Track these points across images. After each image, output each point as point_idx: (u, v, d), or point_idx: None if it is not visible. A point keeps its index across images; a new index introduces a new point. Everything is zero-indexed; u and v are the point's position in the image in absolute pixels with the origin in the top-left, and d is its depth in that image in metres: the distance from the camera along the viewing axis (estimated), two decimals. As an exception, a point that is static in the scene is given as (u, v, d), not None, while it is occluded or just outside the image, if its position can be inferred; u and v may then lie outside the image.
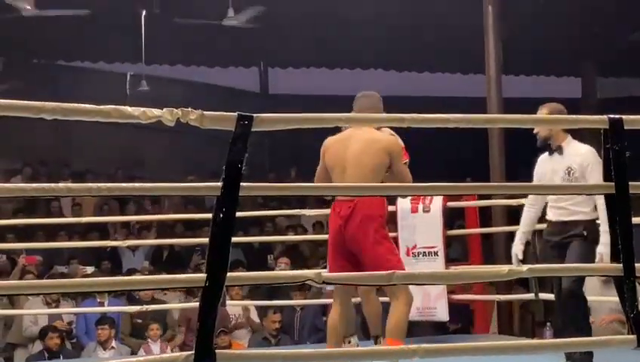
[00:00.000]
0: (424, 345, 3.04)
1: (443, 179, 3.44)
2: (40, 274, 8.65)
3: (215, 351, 2.83)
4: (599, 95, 14.52)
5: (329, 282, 3.35)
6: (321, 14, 11.62)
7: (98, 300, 7.92)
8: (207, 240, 2.87)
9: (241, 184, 2.89)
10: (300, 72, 15.19)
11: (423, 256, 6.67)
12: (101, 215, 10.60)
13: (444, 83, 14.97)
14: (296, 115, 3.12)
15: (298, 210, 7.81)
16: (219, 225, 2.85)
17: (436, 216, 6.71)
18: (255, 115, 2.94)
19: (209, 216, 2.89)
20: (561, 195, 4.91)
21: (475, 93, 10.64)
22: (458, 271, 5.23)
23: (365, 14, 11.48)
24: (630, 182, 3.15)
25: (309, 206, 9.06)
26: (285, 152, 14.07)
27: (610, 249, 3.22)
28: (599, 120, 3.23)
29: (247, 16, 11.08)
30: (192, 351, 2.82)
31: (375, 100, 4.77)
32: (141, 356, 7.18)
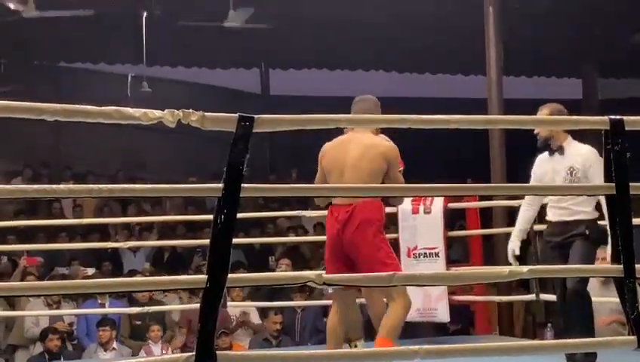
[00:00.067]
0: (425, 346, 3.05)
1: (444, 180, 3.45)
2: (41, 275, 8.64)
3: (216, 352, 2.83)
4: (600, 96, 14.50)
5: (330, 283, 3.35)
6: (322, 15, 11.61)
7: (99, 301, 7.92)
8: (208, 241, 2.88)
9: (242, 185, 2.90)
10: (301, 73, 15.16)
11: (423, 257, 6.67)
12: (102, 216, 10.59)
13: (444, 84, 14.95)
14: (297, 116, 3.12)
15: (299, 211, 7.80)
16: (220, 226, 2.86)
17: (437, 217, 6.71)
18: (256, 116, 2.94)
19: (210, 218, 2.89)
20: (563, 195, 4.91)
21: (476, 94, 10.63)
22: (459, 272, 5.24)
23: (366, 15, 11.48)
24: (631, 183, 3.16)
25: (310, 207, 9.05)
26: (286, 153, 14.06)
27: (611, 249, 3.22)
28: (600, 121, 3.23)
29: (248, 17, 11.07)
30: (193, 352, 2.83)
31: (372, 104, 4.79)
32: (142, 357, 7.21)
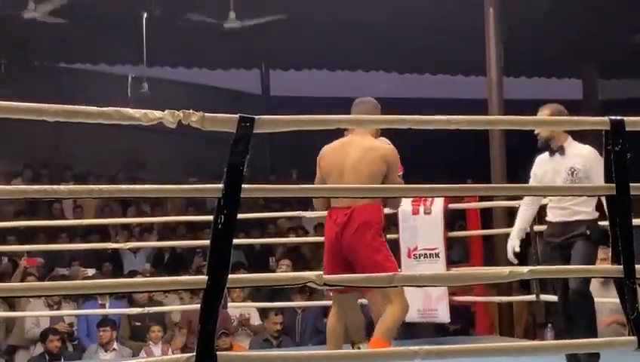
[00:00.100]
0: (425, 346, 3.05)
1: (444, 180, 3.45)
2: (41, 276, 8.64)
3: (216, 353, 2.83)
4: (600, 97, 14.50)
5: (330, 284, 3.35)
6: (322, 15, 11.61)
7: (99, 302, 7.92)
8: (209, 242, 2.88)
9: (243, 186, 2.90)
10: (301, 74, 15.17)
11: (424, 258, 6.67)
12: (102, 217, 10.59)
13: (445, 85, 14.96)
14: (298, 117, 3.12)
15: (299, 211, 7.80)
16: (220, 226, 2.86)
17: (437, 218, 6.72)
18: (256, 117, 2.94)
19: (210, 218, 2.89)
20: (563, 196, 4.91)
21: (476, 94, 10.63)
22: (459, 273, 5.24)
23: (366, 16, 11.48)
24: (631, 184, 3.16)
25: (310, 208, 9.04)
26: (286, 154, 14.06)
27: (611, 250, 3.22)
28: (601, 121, 3.23)
29: (248, 18, 11.08)
30: (194, 352, 2.83)
31: (372, 106, 4.78)
32: (142, 358, 7.21)
